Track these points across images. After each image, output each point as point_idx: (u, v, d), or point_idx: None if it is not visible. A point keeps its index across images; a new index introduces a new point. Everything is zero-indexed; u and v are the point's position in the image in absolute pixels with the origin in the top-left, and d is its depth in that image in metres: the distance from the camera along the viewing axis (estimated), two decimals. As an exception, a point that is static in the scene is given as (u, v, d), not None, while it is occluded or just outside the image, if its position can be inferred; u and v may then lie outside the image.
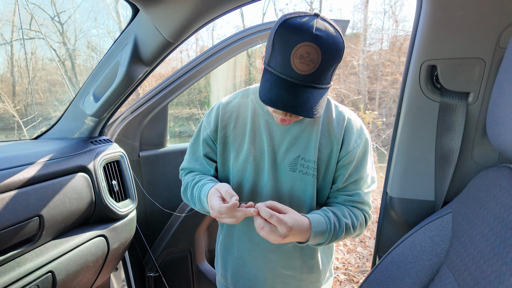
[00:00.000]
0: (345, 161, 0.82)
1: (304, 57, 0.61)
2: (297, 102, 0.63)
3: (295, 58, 0.61)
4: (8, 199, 0.79)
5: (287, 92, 0.63)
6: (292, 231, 0.67)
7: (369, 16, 11.72)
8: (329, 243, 0.78)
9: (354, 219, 0.81)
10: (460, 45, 0.77)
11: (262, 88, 0.66)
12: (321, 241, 0.75)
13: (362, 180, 0.83)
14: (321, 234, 0.74)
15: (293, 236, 0.69)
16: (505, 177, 0.62)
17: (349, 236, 0.81)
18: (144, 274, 1.57)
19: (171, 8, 0.76)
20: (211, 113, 0.91)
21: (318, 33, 0.60)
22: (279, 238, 0.67)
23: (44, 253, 0.88)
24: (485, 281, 0.55)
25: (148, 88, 6.40)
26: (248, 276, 0.93)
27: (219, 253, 0.99)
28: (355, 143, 0.81)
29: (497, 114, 0.66)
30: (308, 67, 0.61)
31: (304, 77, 0.63)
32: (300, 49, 0.60)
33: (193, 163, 0.93)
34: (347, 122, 0.83)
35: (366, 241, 2.83)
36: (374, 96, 9.84)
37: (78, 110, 1.18)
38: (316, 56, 0.61)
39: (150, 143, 1.57)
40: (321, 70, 0.63)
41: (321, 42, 0.60)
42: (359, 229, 0.82)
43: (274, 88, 0.64)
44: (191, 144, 0.96)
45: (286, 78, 0.63)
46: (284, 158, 0.83)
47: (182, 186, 0.93)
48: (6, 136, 5.90)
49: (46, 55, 6.62)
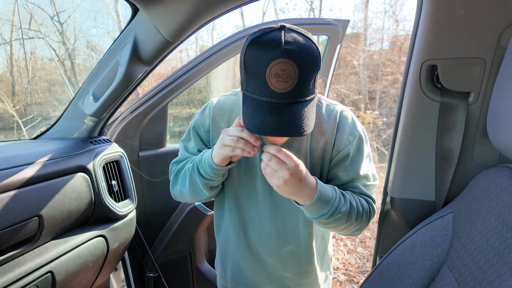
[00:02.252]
0: (338, 159, 0.80)
1: (280, 75, 0.57)
2: (285, 122, 0.59)
3: (271, 78, 0.58)
4: (8, 199, 0.79)
5: (272, 115, 0.60)
6: (298, 171, 0.64)
7: (369, 15, 11.71)
8: (332, 220, 0.71)
9: (358, 201, 0.77)
10: (460, 44, 0.77)
11: (245, 116, 0.63)
12: (324, 209, 0.69)
13: (360, 178, 0.81)
14: (326, 201, 0.69)
15: (299, 183, 0.65)
16: (505, 177, 0.61)
17: (351, 221, 0.74)
18: (144, 274, 1.57)
19: (170, 8, 0.76)
20: (204, 112, 0.88)
21: (288, 47, 0.57)
22: (287, 173, 0.63)
23: (43, 253, 0.88)
24: (486, 281, 0.54)
25: (147, 88, 6.40)
26: (247, 281, 0.92)
27: (219, 256, 0.98)
28: (347, 141, 0.78)
29: (497, 114, 0.66)
30: (286, 84, 0.58)
31: (285, 95, 0.59)
32: (274, 68, 0.57)
33: (186, 155, 0.90)
34: (339, 119, 0.80)
35: (366, 241, 2.83)
36: (374, 96, 9.84)
37: (77, 110, 1.18)
38: (292, 71, 0.57)
39: (150, 143, 1.57)
40: (300, 84, 0.59)
41: (294, 55, 0.57)
42: (362, 216, 0.76)
43: (257, 113, 0.61)
44: (182, 140, 0.92)
45: (267, 100, 0.60)
46: None
47: (172, 173, 0.89)
48: (5, 136, 5.90)
49: (45, 55, 6.62)
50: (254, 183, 0.84)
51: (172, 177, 0.90)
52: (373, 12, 12.18)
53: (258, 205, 0.85)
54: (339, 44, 1.71)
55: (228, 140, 0.68)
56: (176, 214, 1.62)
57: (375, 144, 4.64)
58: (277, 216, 0.84)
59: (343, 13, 15.97)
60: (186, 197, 0.87)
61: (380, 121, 4.67)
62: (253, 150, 0.68)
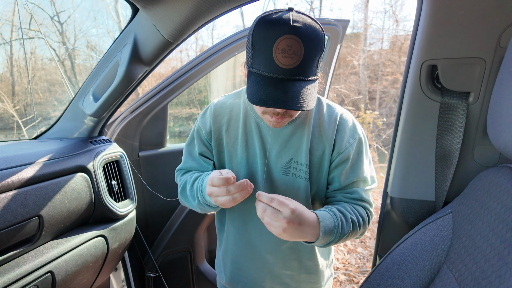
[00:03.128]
0: (338, 162, 0.80)
1: (286, 50, 0.60)
2: (287, 96, 0.62)
3: (277, 53, 0.60)
4: (8, 199, 0.79)
5: (276, 89, 0.62)
6: (295, 217, 0.64)
7: (369, 15, 11.71)
8: (338, 242, 0.74)
9: (358, 214, 0.79)
10: (460, 45, 0.77)
11: (250, 90, 0.65)
12: (330, 238, 0.71)
13: (361, 181, 0.82)
14: (330, 231, 0.70)
15: (299, 227, 0.64)
16: (505, 177, 0.61)
17: (354, 234, 0.77)
18: (144, 274, 1.57)
19: (170, 8, 0.76)
20: (205, 114, 0.90)
21: (296, 24, 0.60)
22: (283, 222, 0.62)
23: (43, 253, 0.88)
24: (486, 281, 0.54)
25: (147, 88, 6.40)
26: (246, 280, 0.92)
27: (221, 255, 0.98)
28: (348, 143, 0.79)
29: (497, 114, 0.66)
30: (292, 60, 0.61)
31: (290, 71, 0.62)
32: (281, 43, 0.60)
33: (189, 162, 0.92)
34: (339, 122, 0.81)
35: (366, 241, 2.83)
36: (374, 96, 9.84)
37: (77, 110, 1.18)
38: (298, 47, 0.60)
39: (150, 143, 1.57)
40: (305, 61, 0.62)
41: (301, 32, 0.60)
42: (363, 226, 0.79)
43: (262, 87, 0.63)
44: (186, 144, 0.94)
45: (272, 75, 0.62)
46: (276, 162, 0.82)
47: (180, 186, 0.91)
48: (5, 136, 5.90)
49: (45, 55, 6.62)
50: (255, 179, 0.84)
51: (180, 189, 0.91)
52: (373, 12, 12.18)
53: None
54: (339, 44, 1.71)
55: (208, 189, 0.70)
56: (176, 214, 1.62)
57: (375, 144, 4.64)
58: None
59: (343, 13, 15.98)
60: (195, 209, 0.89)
61: (380, 121, 4.67)
62: (234, 202, 0.69)
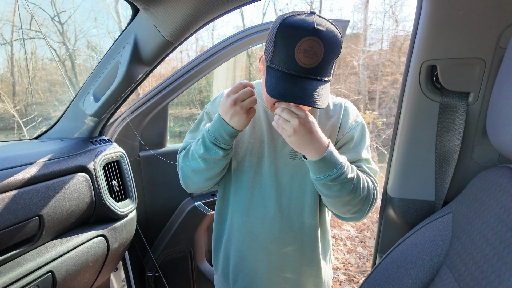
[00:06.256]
0: (343, 142, 0.85)
1: (308, 51, 0.64)
2: (305, 94, 0.65)
3: (299, 52, 0.64)
4: (8, 199, 0.79)
5: (295, 86, 0.66)
6: (308, 121, 0.69)
7: (369, 16, 11.73)
8: (338, 184, 0.72)
9: (364, 176, 0.79)
10: (460, 45, 0.77)
11: (269, 84, 0.68)
12: (331, 171, 0.71)
13: (363, 160, 0.85)
14: (335, 162, 0.72)
15: (309, 134, 0.69)
16: (505, 177, 0.62)
17: (357, 195, 0.75)
18: (144, 274, 1.57)
19: (171, 8, 0.76)
20: (215, 101, 0.94)
21: (319, 28, 0.64)
22: (296, 122, 0.67)
23: (44, 253, 0.88)
24: (485, 281, 0.55)
25: (148, 88, 6.41)
26: (247, 270, 0.92)
27: (224, 245, 0.97)
28: (352, 126, 0.85)
29: (497, 114, 0.66)
30: (312, 60, 0.65)
31: (309, 70, 0.66)
32: (303, 44, 0.64)
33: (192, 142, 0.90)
34: (344, 108, 0.87)
35: (366, 241, 2.83)
36: (374, 96, 9.85)
37: (78, 110, 1.18)
38: (319, 49, 0.64)
39: (150, 143, 1.57)
40: (323, 63, 0.66)
41: (323, 36, 0.64)
42: (368, 194, 0.78)
43: (281, 82, 0.67)
44: (191, 130, 0.95)
45: (291, 72, 0.66)
46: (284, 146, 0.85)
47: (181, 155, 0.89)
48: (6, 136, 5.90)
49: (46, 55, 6.63)
50: (261, 165, 0.86)
51: (182, 156, 0.89)
52: (373, 12, 12.20)
53: (263, 187, 0.86)
54: (339, 44, 1.70)
55: (247, 102, 0.73)
56: (176, 214, 1.62)
57: (375, 144, 4.63)
58: (282, 200, 0.86)
59: (343, 14, 15.99)
60: (199, 177, 0.85)
61: (380, 121, 4.66)
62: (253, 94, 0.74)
